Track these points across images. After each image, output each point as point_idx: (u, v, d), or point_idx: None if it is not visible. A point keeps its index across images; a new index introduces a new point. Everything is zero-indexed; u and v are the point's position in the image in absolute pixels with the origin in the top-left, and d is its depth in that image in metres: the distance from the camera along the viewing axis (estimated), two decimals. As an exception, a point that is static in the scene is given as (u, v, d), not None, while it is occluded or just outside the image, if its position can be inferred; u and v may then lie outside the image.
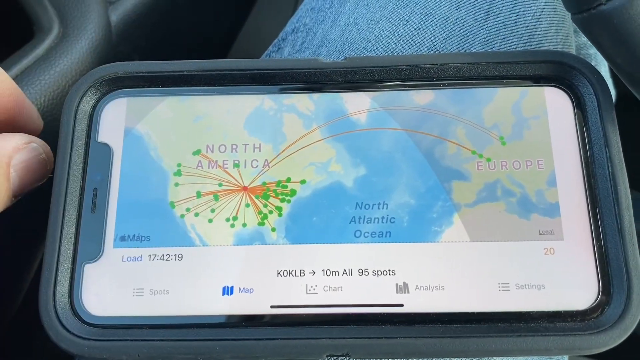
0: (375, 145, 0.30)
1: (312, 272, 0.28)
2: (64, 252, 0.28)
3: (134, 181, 0.30)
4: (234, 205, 0.29)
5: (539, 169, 0.29)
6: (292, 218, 0.29)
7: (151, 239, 0.29)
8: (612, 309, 0.27)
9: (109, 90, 0.31)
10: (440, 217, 0.29)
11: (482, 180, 0.29)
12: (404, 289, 0.28)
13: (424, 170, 0.29)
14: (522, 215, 0.29)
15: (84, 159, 0.30)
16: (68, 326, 0.27)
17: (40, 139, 0.29)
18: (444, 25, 0.35)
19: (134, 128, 0.31)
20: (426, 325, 0.27)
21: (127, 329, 0.28)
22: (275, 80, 0.31)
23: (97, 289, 0.28)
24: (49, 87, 0.38)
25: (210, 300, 0.28)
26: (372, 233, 0.29)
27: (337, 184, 0.30)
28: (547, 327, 0.27)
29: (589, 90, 0.29)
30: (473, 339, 0.26)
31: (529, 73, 0.30)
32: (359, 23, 0.37)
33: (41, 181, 0.29)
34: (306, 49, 0.38)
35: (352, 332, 0.27)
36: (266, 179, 0.30)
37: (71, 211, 0.29)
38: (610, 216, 0.28)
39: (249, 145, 0.30)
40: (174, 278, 0.28)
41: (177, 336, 0.27)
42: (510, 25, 0.35)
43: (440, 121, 0.30)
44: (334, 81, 0.31)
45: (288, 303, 0.28)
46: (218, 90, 0.31)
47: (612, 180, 0.28)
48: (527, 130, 0.30)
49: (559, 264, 0.28)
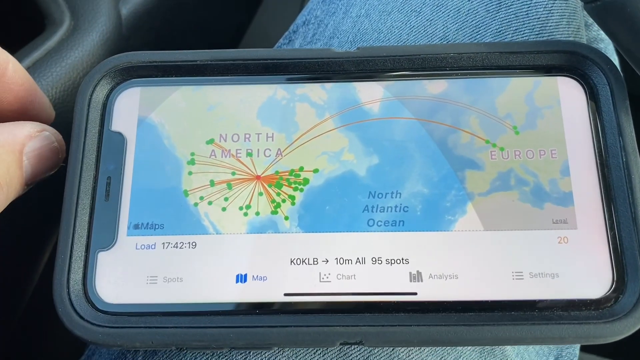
0: (388, 135, 0.30)
1: (325, 261, 0.28)
2: (78, 240, 0.28)
3: (147, 170, 0.30)
4: (247, 193, 0.29)
5: (552, 158, 0.29)
6: (305, 207, 0.29)
7: (165, 227, 0.29)
8: (626, 297, 0.27)
9: (123, 79, 0.31)
10: (453, 206, 0.29)
11: (496, 170, 0.29)
12: (418, 278, 0.28)
13: (437, 160, 0.29)
14: (535, 204, 0.28)
15: (97, 147, 0.30)
16: (82, 313, 0.27)
17: (52, 128, 0.29)
18: (456, 16, 0.35)
19: (147, 117, 0.31)
20: (440, 314, 0.27)
21: (141, 316, 0.28)
22: (287, 70, 0.31)
23: (110, 276, 0.28)
24: (60, 79, 0.38)
25: (223, 288, 0.28)
26: (385, 222, 0.29)
27: (350, 173, 0.30)
28: (561, 315, 0.27)
29: (602, 79, 0.29)
30: (487, 327, 0.26)
31: (541, 63, 0.30)
32: (371, 14, 0.37)
33: (53, 170, 0.29)
34: (317, 41, 0.38)
35: (366, 320, 0.27)
36: (279, 168, 0.30)
37: (85, 199, 0.29)
38: (624, 205, 0.28)
39: (262, 135, 0.30)
40: (188, 266, 0.28)
41: (190, 323, 0.27)
42: (522, 16, 0.35)
43: (453, 110, 0.30)
44: (347, 71, 0.31)
45: (301, 291, 0.28)
46: (231, 80, 0.31)
47: (625, 169, 0.28)
48: (540, 120, 0.30)
49: (572, 253, 0.28)
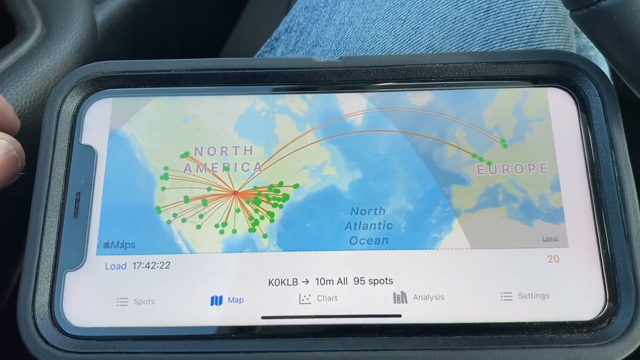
0: (372, 148, 0.29)
1: (306, 281, 0.27)
2: (45, 260, 0.27)
3: (118, 185, 0.29)
4: (223, 210, 0.28)
5: (542, 172, 0.28)
6: (284, 224, 0.28)
7: (136, 245, 0.28)
8: (620, 319, 0.26)
9: (94, 90, 0.30)
10: (439, 223, 0.28)
11: (483, 185, 0.28)
12: (402, 299, 0.27)
13: (422, 174, 0.28)
14: (524, 221, 0.27)
15: (66, 161, 0.29)
16: (48, 338, 0.26)
17: (10, 136, 0.28)
18: (443, 25, 0.34)
19: (119, 129, 0.29)
20: (425, 337, 0.26)
21: (111, 340, 0.26)
22: (267, 80, 0.30)
23: (79, 298, 0.27)
24: (31, 89, 0.36)
25: (198, 311, 0.27)
26: (368, 240, 0.27)
27: (332, 188, 0.28)
28: (552, 338, 0.26)
29: (593, 91, 0.28)
30: (474, 351, 0.25)
31: (531, 73, 0.29)
32: (355, 22, 0.36)
33: (12, 180, 0.28)
34: (300, 49, 0.37)
35: (348, 344, 0.26)
36: (257, 183, 0.29)
37: (52, 216, 0.28)
38: (617, 222, 0.27)
39: (240, 148, 0.29)
40: (160, 287, 0.27)
41: (163, 348, 0.26)
42: (510, 24, 0.34)
43: (439, 123, 0.29)
44: (329, 81, 0.30)
45: (280, 314, 0.27)
46: (207, 91, 0.30)
47: (618, 184, 0.27)
48: (529, 133, 0.29)
49: (563, 272, 0.27)
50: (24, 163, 0.28)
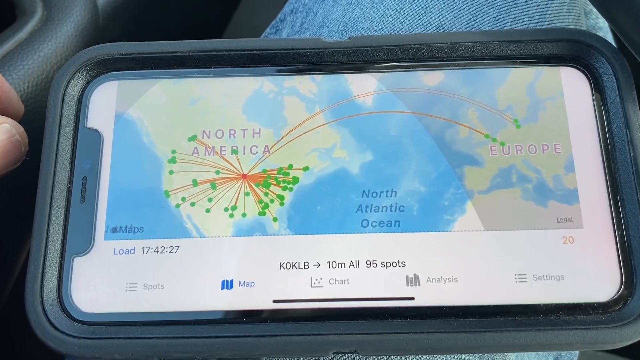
0: (382, 130, 0.28)
1: (317, 264, 0.27)
2: (52, 245, 0.27)
3: (125, 169, 0.28)
4: (232, 194, 0.28)
5: (556, 153, 0.28)
6: (294, 207, 0.27)
7: (144, 230, 0.27)
8: (636, 300, 0.25)
9: (99, 72, 0.29)
10: (452, 204, 0.27)
11: (496, 166, 0.28)
12: (415, 282, 0.26)
13: (434, 156, 0.28)
14: (538, 202, 0.27)
15: (72, 146, 0.28)
16: (56, 324, 0.26)
17: (13, 120, 0.27)
18: (452, 4, 0.34)
19: (125, 113, 0.29)
20: (439, 320, 0.26)
21: (120, 326, 0.26)
22: (275, 61, 0.29)
23: (87, 284, 0.27)
24: (33, 73, 0.36)
25: (208, 295, 0.26)
26: (380, 222, 0.27)
27: (342, 170, 0.28)
28: (567, 320, 0.25)
29: (607, 69, 0.28)
30: (489, 334, 0.25)
31: (544, 52, 0.29)
32: (363, 2, 0.35)
33: (15, 164, 0.27)
34: (306, 30, 0.37)
35: (360, 328, 0.26)
36: (267, 166, 0.28)
37: (59, 202, 0.27)
38: (632, 202, 0.26)
39: (248, 131, 0.29)
40: (170, 272, 0.27)
41: (173, 333, 0.26)
42: (521, 3, 0.33)
43: (451, 103, 0.28)
44: (338, 62, 0.29)
45: (291, 297, 0.26)
46: (214, 72, 0.29)
47: (634, 164, 0.27)
48: (542, 113, 0.28)
49: (578, 254, 0.26)
50: (27, 147, 0.28)
